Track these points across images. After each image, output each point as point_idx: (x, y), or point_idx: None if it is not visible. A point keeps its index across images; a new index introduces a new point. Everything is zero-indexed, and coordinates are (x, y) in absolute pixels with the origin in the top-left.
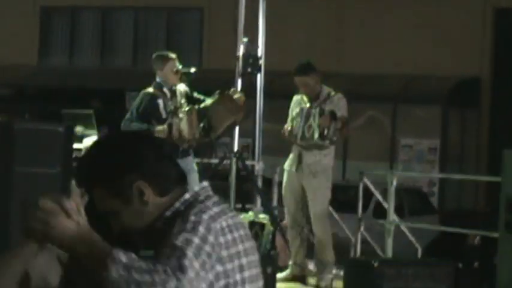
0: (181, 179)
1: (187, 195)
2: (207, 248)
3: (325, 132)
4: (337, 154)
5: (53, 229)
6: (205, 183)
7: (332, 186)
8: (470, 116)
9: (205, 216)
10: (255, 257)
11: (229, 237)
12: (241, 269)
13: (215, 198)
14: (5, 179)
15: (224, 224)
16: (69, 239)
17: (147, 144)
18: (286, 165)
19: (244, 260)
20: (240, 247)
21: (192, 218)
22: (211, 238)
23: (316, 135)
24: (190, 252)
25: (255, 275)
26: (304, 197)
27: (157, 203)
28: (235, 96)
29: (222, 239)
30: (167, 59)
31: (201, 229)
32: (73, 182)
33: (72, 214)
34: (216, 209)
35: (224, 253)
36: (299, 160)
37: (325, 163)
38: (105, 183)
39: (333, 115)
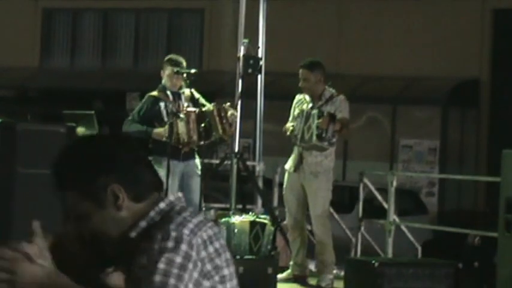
0: (158, 185)
1: (162, 204)
2: (190, 265)
3: (323, 134)
4: (337, 154)
5: (18, 277)
6: (180, 194)
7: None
8: (469, 117)
9: (186, 231)
10: (233, 269)
11: (211, 249)
12: (222, 280)
13: (190, 209)
14: (7, 180)
15: (205, 235)
16: (35, 284)
17: (123, 147)
18: (287, 165)
19: (226, 271)
20: (223, 257)
21: (173, 234)
22: (193, 254)
23: (314, 137)
24: (173, 279)
25: (235, 286)
26: (305, 198)
27: (131, 208)
28: (229, 112)
29: (203, 253)
30: (166, 62)
31: (183, 247)
32: (35, 223)
33: (35, 259)
34: (195, 220)
35: (209, 266)
36: (300, 161)
37: (326, 164)
38: (79, 185)
39: (331, 117)
